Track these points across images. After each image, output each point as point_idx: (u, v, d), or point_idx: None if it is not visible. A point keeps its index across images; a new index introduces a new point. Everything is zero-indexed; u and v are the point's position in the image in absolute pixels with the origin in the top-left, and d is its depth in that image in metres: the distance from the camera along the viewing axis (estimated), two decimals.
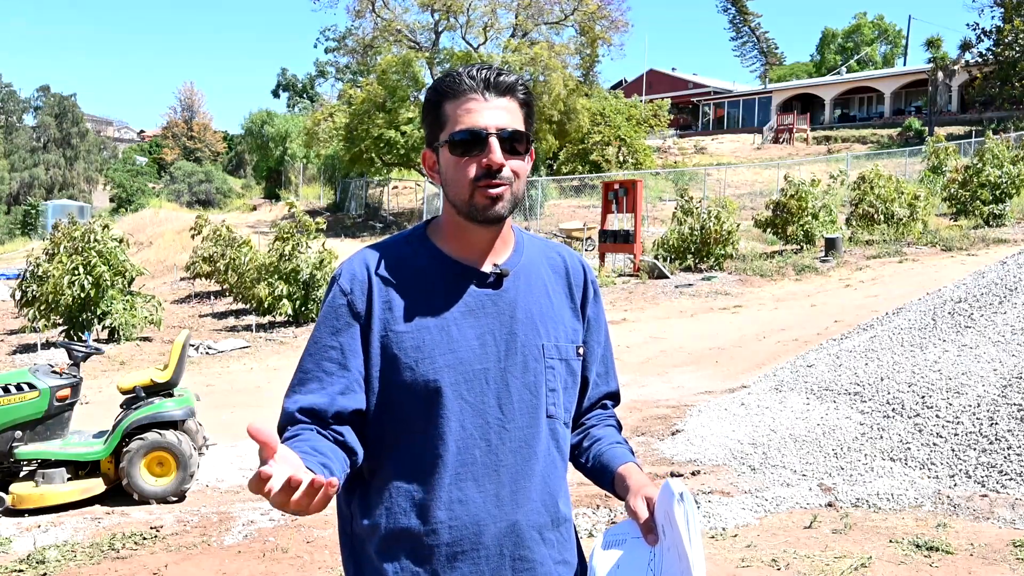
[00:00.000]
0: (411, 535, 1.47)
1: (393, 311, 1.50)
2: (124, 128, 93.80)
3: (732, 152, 42.61)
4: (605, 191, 19.94)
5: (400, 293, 1.51)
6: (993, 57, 38.51)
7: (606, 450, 1.64)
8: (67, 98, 64.77)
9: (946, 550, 4.14)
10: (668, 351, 11.41)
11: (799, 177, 20.81)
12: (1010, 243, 18.08)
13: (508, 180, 1.48)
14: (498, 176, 1.46)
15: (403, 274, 1.53)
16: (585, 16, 32.99)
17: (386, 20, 33.30)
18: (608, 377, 1.72)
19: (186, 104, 70.49)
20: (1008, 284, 7.71)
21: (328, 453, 1.40)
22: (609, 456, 1.62)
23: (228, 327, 16.09)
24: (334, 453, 1.42)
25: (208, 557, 4.63)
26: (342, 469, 1.41)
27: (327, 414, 1.46)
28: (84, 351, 6.41)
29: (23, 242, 40.30)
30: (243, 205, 42.67)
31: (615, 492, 1.59)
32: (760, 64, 65.12)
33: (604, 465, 1.62)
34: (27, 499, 5.74)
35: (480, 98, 1.48)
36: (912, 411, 5.95)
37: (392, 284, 1.52)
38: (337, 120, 31.82)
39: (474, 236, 1.53)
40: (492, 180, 1.46)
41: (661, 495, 1.45)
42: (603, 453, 1.63)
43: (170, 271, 23.07)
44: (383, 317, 1.50)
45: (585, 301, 1.66)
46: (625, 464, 1.59)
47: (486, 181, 1.46)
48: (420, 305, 1.50)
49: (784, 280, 17.25)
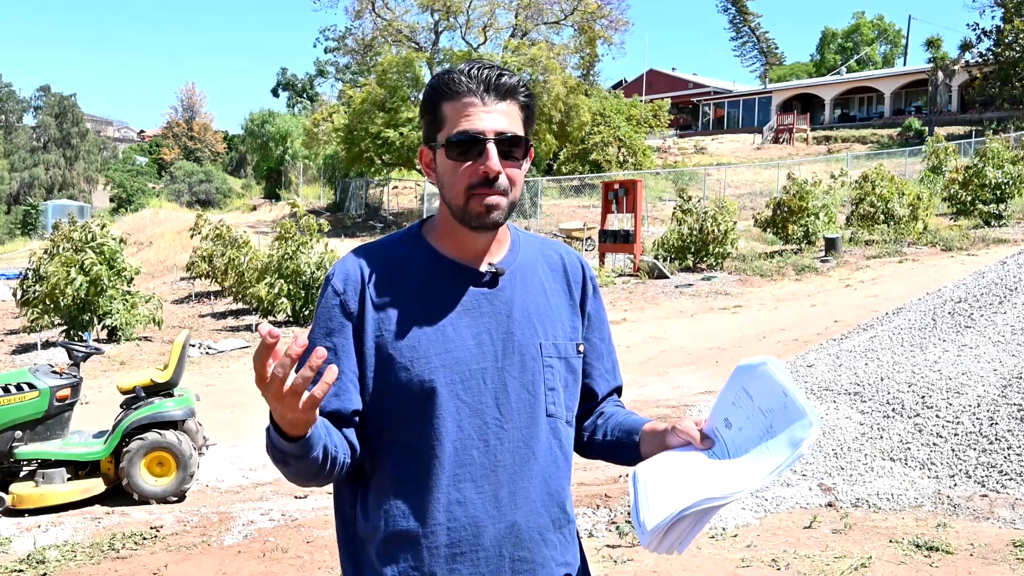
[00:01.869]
0: (410, 537, 1.46)
1: (387, 311, 1.49)
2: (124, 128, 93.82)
3: (732, 152, 42.61)
4: (605, 191, 19.94)
5: (394, 293, 1.50)
6: (993, 57, 38.52)
7: (625, 418, 1.63)
8: (67, 98, 64.79)
9: (946, 550, 4.14)
10: (668, 351, 11.40)
11: (801, 177, 20.81)
12: (1010, 243, 18.07)
13: (504, 188, 1.45)
14: (494, 184, 1.44)
15: (397, 273, 1.52)
16: (585, 16, 32.99)
17: (386, 20, 33.33)
18: (615, 372, 1.72)
19: (187, 104, 70.51)
20: (1008, 284, 7.71)
21: (328, 427, 1.42)
22: (632, 421, 1.61)
23: (228, 327, 16.09)
24: (337, 435, 1.44)
25: (208, 557, 4.63)
26: (344, 448, 1.43)
27: (321, 415, 1.46)
28: (84, 351, 6.41)
29: (23, 242, 40.30)
30: (243, 205, 42.65)
31: (639, 454, 1.55)
32: (760, 64, 65.17)
33: (628, 430, 1.59)
34: (27, 499, 5.74)
35: (479, 101, 1.44)
36: (912, 411, 5.95)
37: (386, 284, 1.51)
38: (337, 120, 31.82)
39: (469, 236, 1.51)
40: (488, 188, 1.44)
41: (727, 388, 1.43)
42: (623, 421, 1.62)
43: (170, 271, 23.06)
44: (377, 317, 1.49)
45: (584, 298, 1.64)
46: (650, 422, 1.58)
47: (481, 189, 1.44)
48: (415, 305, 1.49)
49: (784, 280, 17.24)
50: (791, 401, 1.33)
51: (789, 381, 1.35)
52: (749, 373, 1.41)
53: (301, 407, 1.23)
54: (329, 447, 1.38)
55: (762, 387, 1.37)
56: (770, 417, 1.35)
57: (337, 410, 1.46)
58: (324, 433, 1.37)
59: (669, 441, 1.49)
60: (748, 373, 1.41)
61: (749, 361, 1.42)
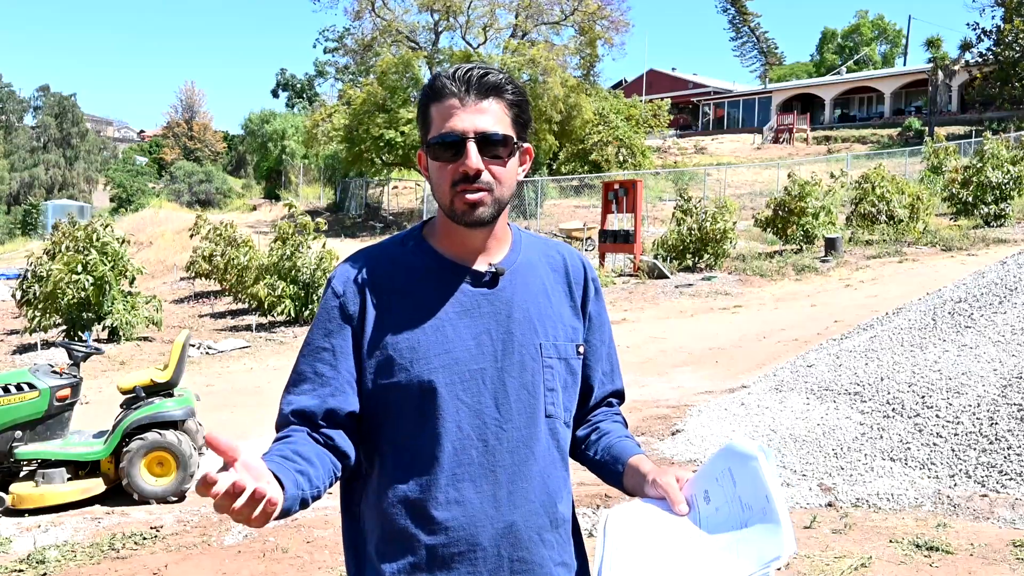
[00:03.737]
0: (409, 536, 1.46)
1: (387, 312, 1.50)
2: (124, 128, 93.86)
3: (732, 152, 42.62)
4: (605, 191, 19.94)
5: (394, 294, 1.51)
6: (993, 57, 38.52)
7: (616, 443, 1.63)
8: (67, 98, 64.82)
9: (946, 550, 4.14)
10: (668, 351, 11.40)
11: (802, 177, 20.81)
12: (1010, 243, 18.08)
13: (488, 185, 1.45)
14: (476, 181, 1.44)
15: (397, 275, 1.52)
16: (585, 16, 32.99)
17: (386, 21, 33.33)
18: (614, 375, 1.71)
19: (187, 104, 70.48)
20: (1008, 284, 7.71)
21: (312, 458, 1.40)
22: (620, 448, 1.61)
23: (228, 327, 16.09)
24: (319, 459, 1.42)
25: (208, 557, 4.63)
26: (327, 475, 1.42)
27: (318, 416, 1.47)
28: (84, 351, 6.41)
29: (23, 242, 40.30)
30: (243, 205, 42.67)
31: (622, 484, 1.57)
32: (760, 64, 65.18)
33: (615, 457, 1.60)
34: (27, 499, 5.74)
35: (458, 102, 1.45)
36: (912, 411, 5.95)
37: (386, 285, 1.51)
38: (337, 121, 31.83)
39: (467, 236, 1.52)
40: (469, 186, 1.44)
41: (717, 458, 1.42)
42: (613, 445, 1.62)
43: (170, 271, 23.07)
44: (377, 318, 1.49)
45: (586, 299, 1.64)
46: (637, 455, 1.59)
47: (463, 186, 1.45)
48: (414, 305, 1.50)
49: (784, 280, 17.24)
50: (771, 509, 1.31)
51: (775, 484, 1.33)
52: (738, 460, 1.38)
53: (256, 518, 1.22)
54: (309, 492, 1.36)
55: (747, 480, 1.36)
56: (747, 513, 1.33)
57: (332, 410, 1.47)
58: (298, 484, 1.34)
59: (647, 491, 1.49)
60: (737, 459, 1.39)
61: (740, 447, 1.39)
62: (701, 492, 1.43)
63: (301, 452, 1.39)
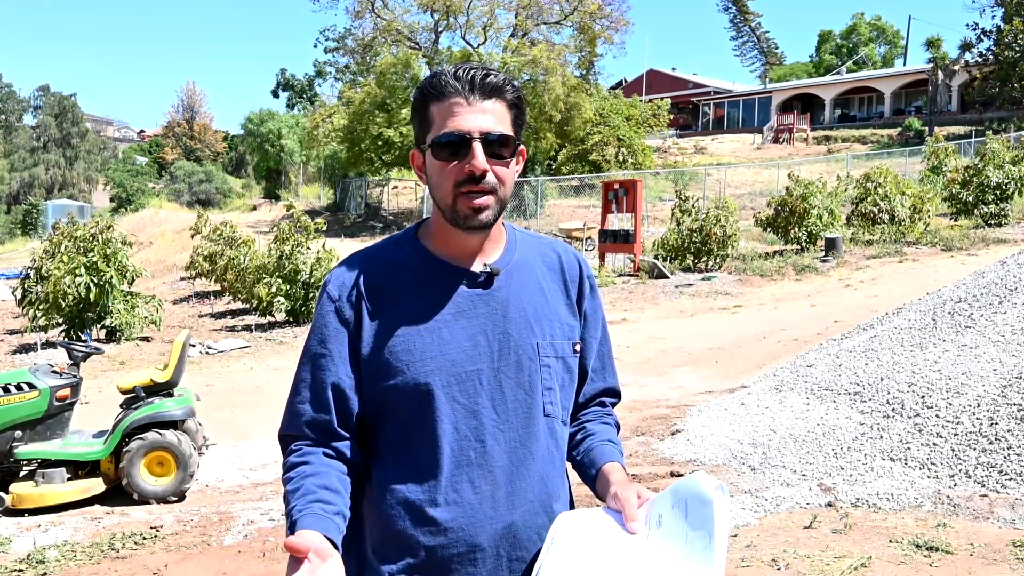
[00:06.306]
0: (408, 537, 1.46)
1: (382, 315, 1.49)
2: (124, 128, 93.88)
3: (732, 152, 42.61)
4: (605, 191, 19.93)
5: (389, 296, 1.50)
6: (993, 57, 38.52)
7: (596, 446, 1.61)
8: (67, 98, 64.84)
9: (946, 550, 4.14)
10: (668, 351, 11.40)
11: (804, 178, 20.79)
12: (1010, 243, 18.08)
13: (492, 187, 1.45)
14: (481, 182, 1.44)
15: (392, 277, 1.52)
16: (585, 16, 32.99)
17: (386, 21, 33.33)
18: (605, 372, 1.70)
19: (188, 104, 70.47)
20: (1008, 284, 7.72)
21: (339, 488, 1.43)
22: (598, 452, 1.60)
23: (228, 327, 16.09)
24: (342, 483, 1.45)
25: (208, 557, 4.63)
26: (347, 498, 1.45)
27: (327, 426, 1.48)
28: (84, 351, 6.41)
29: (23, 242, 40.32)
30: (243, 205, 42.69)
31: (596, 490, 1.57)
32: (760, 64, 65.11)
33: (592, 460, 1.59)
34: (27, 499, 5.74)
35: (464, 101, 1.44)
36: (912, 411, 5.95)
37: (381, 288, 1.51)
38: (336, 121, 31.83)
39: (462, 238, 1.51)
40: (475, 187, 1.44)
41: (679, 487, 1.42)
42: (593, 448, 1.61)
43: (170, 271, 23.07)
44: (373, 321, 1.49)
45: (581, 297, 1.64)
46: (611, 462, 1.57)
47: (468, 187, 1.44)
48: (410, 308, 1.49)
49: (784, 280, 17.24)
50: (710, 552, 1.31)
51: (722, 529, 1.33)
52: (696, 497, 1.38)
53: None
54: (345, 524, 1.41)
55: (698, 517, 1.36)
56: (688, 548, 1.34)
57: (339, 417, 1.48)
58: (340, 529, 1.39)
59: (609, 502, 1.49)
60: (695, 496, 1.38)
61: (701, 486, 1.38)
62: (656, 515, 1.42)
63: (329, 484, 1.42)
